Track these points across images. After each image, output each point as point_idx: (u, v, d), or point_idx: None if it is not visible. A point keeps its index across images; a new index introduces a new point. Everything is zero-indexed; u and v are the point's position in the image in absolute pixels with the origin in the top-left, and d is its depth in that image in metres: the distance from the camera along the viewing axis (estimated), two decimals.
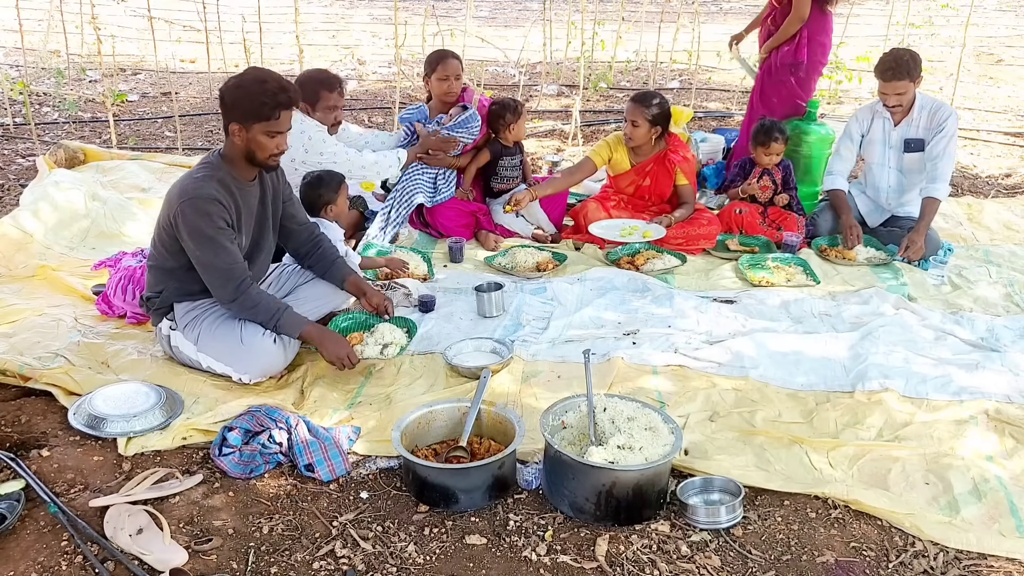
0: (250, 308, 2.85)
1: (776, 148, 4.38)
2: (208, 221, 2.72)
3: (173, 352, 3.00)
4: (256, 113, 2.72)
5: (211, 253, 2.76)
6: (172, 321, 2.98)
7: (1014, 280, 3.98)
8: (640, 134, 4.27)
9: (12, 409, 2.73)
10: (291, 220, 3.16)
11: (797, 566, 2.16)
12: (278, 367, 2.98)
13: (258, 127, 2.73)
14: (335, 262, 3.19)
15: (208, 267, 2.79)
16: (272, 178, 3.02)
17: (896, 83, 4.06)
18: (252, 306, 2.85)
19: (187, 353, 2.95)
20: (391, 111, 6.96)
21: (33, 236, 3.99)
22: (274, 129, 2.76)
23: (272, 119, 2.73)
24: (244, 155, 2.81)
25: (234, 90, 2.75)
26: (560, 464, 2.32)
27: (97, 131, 6.46)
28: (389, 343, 3.08)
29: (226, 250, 2.77)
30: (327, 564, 2.13)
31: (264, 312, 2.85)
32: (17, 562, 2.08)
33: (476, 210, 4.44)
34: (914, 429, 2.73)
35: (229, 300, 2.84)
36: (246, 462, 2.45)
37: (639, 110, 4.23)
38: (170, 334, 2.98)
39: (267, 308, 2.85)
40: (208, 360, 2.93)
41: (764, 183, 4.49)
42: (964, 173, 5.87)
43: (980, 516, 2.34)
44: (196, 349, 2.93)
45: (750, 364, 3.12)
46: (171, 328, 2.97)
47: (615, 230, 4.23)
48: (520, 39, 9.53)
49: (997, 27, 12.81)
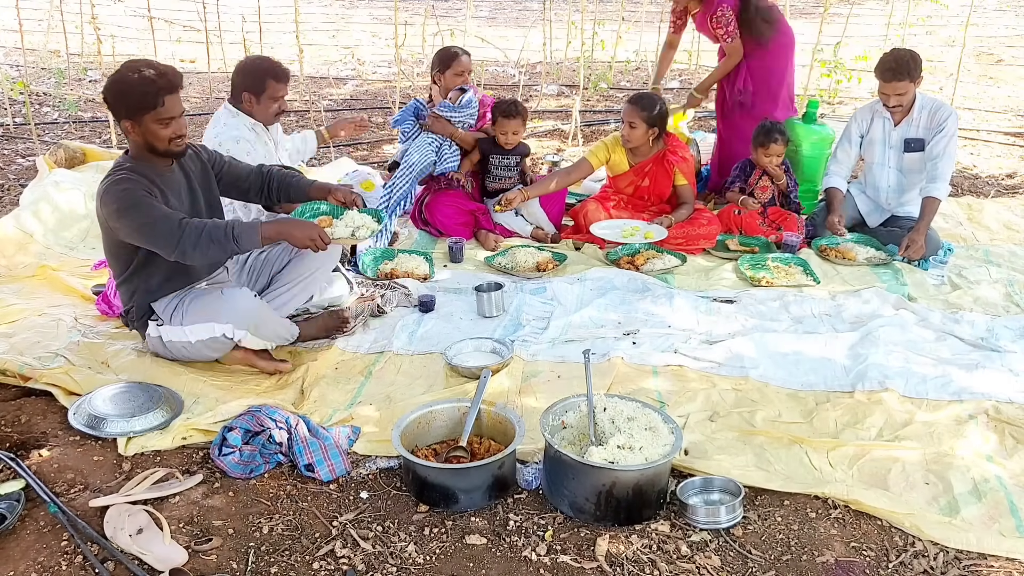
0: (199, 237, 2.70)
1: (776, 149, 4.38)
2: (129, 193, 2.68)
3: (168, 349, 2.98)
4: (141, 104, 2.67)
5: (141, 215, 2.68)
6: (156, 321, 2.96)
7: (1014, 280, 3.98)
8: (637, 135, 4.27)
9: (12, 409, 2.73)
10: (239, 181, 3.12)
11: (797, 566, 2.16)
12: (255, 315, 2.93)
13: (148, 118, 2.69)
14: (293, 178, 3.14)
15: (144, 227, 2.69)
16: (190, 161, 2.96)
17: (896, 83, 4.06)
18: (199, 233, 2.70)
19: (180, 340, 2.92)
20: (391, 111, 6.96)
21: (33, 236, 4.00)
22: (165, 116, 2.71)
23: (159, 106, 2.68)
24: (147, 149, 2.77)
25: (114, 86, 2.69)
26: (560, 464, 2.32)
27: (97, 131, 6.46)
28: (359, 226, 3.02)
29: (154, 207, 2.69)
30: (327, 564, 2.13)
31: (215, 232, 2.72)
32: (17, 562, 2.08)
33: (475, 209, 4.45)
34: (914, 429, 2.73)
35: (175, 242, 2.68)
36: (246, 462, 2.45)
37: (636, 111, 4.23)
38: (160, 332, 2.95)
39: (216, 227, 2.73)
40: (198, 332, 2.88)
41: (763, 183, 4.49)
42: (964, 173, 5.87)
43: (980, 516, 2.34)
44: (186, 330, 2.89)
45: (750, 364, 3.12)
46: (158, 325, 2.95)
47: (617, 231, 4.23)
48: (520, 39, 9.54)
49: (997, 27, 12.81)
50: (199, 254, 2.74)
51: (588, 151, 4.54)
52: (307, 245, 2.85)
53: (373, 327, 3.38)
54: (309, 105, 6.89)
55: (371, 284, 3.72)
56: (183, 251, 2.71)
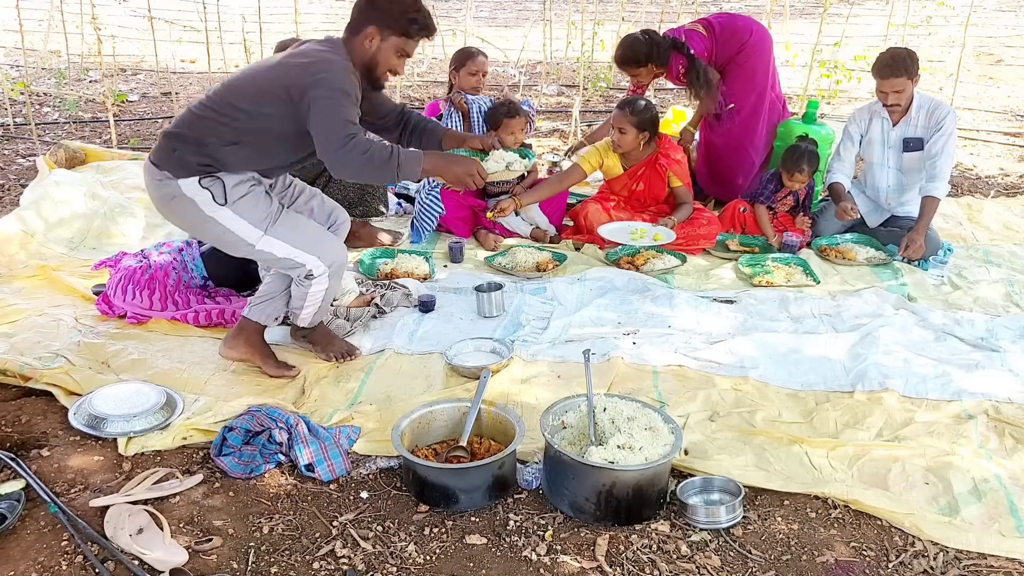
0: (364, 153, 2.56)
1: (800, 179, 4.36)
2: (350, 85, 2.61)
3: (193, 219, 2.73)
4: (400, 25, 2.66)
5: (339, 106, 2.56)
6: (207, 189, 2.68)
7: (1014, 280, 3.98)
8: (628, 140, 4.25)
9: (12, 409, 2.73)
10: (381, 112, 3.01)
11: (797, 566, 2.16)
12: (342, 269, 2.91)
13: (395, 40, 2.68)
14: (428, 123, 3.09)
15: (330, 116, 2.55)
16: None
17: (894, 80, 4.06)
18: (365, 149, 2.57)
19: (235, 232, 2.73)
20: None
21: (33, 236, 4.00)
22: (406, 50, 2.71)
23: (411, 38, 2.69)
24: (365, 63, 2.72)
25: None
26: (560, 464, 2.32)
27: (97, 131, 6.47)
28: (511, 161, 3.04)
29: (353, 109, 2.61)
30: (327, 564, 2.13)
31: (381, 153, 2.60)
32: (17, 562, 2.08)
33: (475, 205, 4.44)
34: (914, 429, 2.73)
35: (340, 145, 2.55)
36: (246, 462, 2.45)
37: (625, 117, 4.21)
38: (197, 198, 2.68)
39: (382, 149, 2.62)
40: (277, 246, 2.75)
41: (787, 201, 4.49)
42: (964, 173, 5.88)
43: (980, 516, 2.34)
44: (259, 232, 2.73)
45: (750, 364, 3.13)
46: (205, 188, 2.67)
47: (624, 233, 4.22)
48: (520, 39, 9.54)
49: (997, 27, 12.80)
50: (352, 169, 2.64)
51: (580, 156, 4.54)
52: (465, 182, 2.77)
53: (373, 327, 3.38)
54: None
55: (371, 284, 3.72)
56: (341, 158, 2.59)
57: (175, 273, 3.42)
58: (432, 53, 9.04)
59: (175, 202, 2.73)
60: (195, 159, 2.68)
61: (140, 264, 3.43)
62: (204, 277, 3.52)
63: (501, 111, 4.35)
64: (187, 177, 2.69)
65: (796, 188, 4.42)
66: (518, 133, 4.34)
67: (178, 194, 2.71)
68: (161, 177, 2.72)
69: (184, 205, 2.72)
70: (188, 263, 3.50)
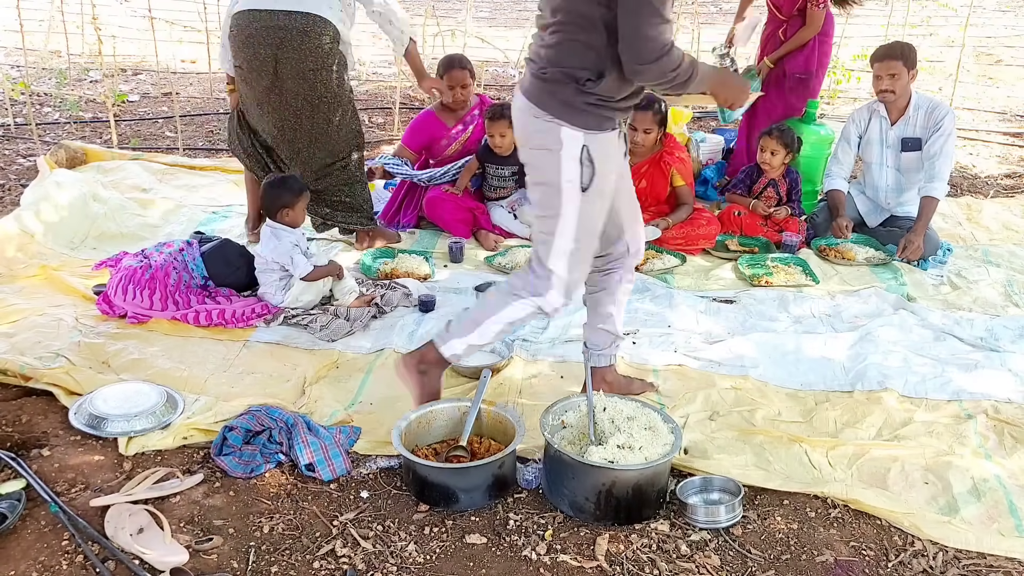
0: (676, 65, 2.23)
1: (773, 150, 4.36)
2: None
3: (569, 179, 2.34)
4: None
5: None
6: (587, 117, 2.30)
7: (1013, 280, 3.98)
8: (652, 139, 4.25)
9: (13, 409, 2.73)
10: None
11: (796, 565, 2.17)
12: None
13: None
14: None
15: (652, 13, 2.17)
16: None
17: (889, 63, 4.06)
18: (680, 58, 2.24)
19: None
20: (391, 111, 6.97)
21: (34, 236, 4.00)
22: None
23: None
24: None
25: None
26: (560, 463, 2.32)
27: (98, 131, 6.47)
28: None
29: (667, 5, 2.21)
30: (327, 563, 2.13)
31: (688, 64, 2.27)
32: (18, 561, 2.08)
33: (474, 207, 4.44)
34: (913, 429, 2.74)
35: (656, 57, 2.20)
36: (246, 461, 2.46)
37: (651, 117, 4.19)
38: (589, 146, 2.31)
39: (689, 60, 2.28)
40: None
41: (768, 194, 4.49)
42: (963, 173, 5.88)
43: (979, 516, 2.34)
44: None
45: (750, 364, 3.13)
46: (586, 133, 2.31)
47: None
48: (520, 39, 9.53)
49: (996, 27, 12.80)
50: (667, 74, 2.24)
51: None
52: (735, 104, 2.45)
53: (373, 327, 3.39)
54: None
55: (371, 284, 3.72)
56: (652, 66, 2.22)
57: (175, 273, 3.43)
58: (432, 53, 9.04)
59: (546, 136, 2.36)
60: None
61: (140, 264, 3.43)
62: (204, 277, 3.52)
63: (487, 114, 4.33)
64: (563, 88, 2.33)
65: (773, 169, 4.41)
66: (497, 137, 4.28)
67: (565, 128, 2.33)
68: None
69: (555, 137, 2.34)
70: (188, 263, 3.50)
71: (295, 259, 3.36)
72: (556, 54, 2.30)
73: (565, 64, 2.29)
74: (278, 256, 3.38)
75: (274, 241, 3.39)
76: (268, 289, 3.45)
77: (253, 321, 3.35)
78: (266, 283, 3.46)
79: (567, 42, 2.28)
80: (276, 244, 3.38)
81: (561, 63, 2.29)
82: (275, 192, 3.41)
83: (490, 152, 4.37)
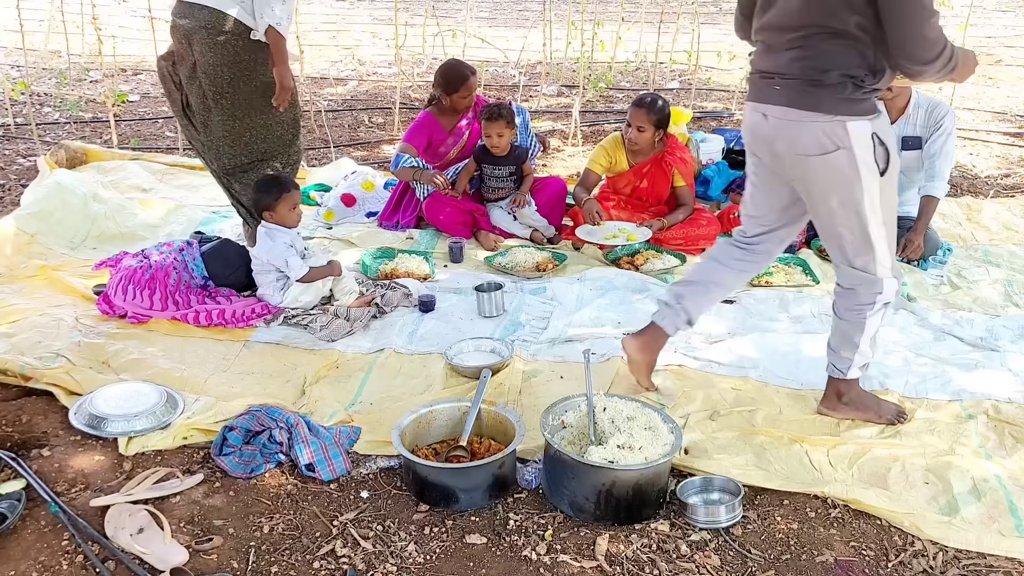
0: (951, 55, 2.28)
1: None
2: None
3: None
4: None
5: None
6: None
7: (1013, 280, 3.98)
8: (646, 138, 4.26)
9: (13, 409, 2.73)
10: None
11: (797, 565, 2.17)
12: None
13: None
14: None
15: (924, 12, 2.20)
16: None
17: None
18: (951, 51, 2.28)
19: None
20: (391, 111, 6.97)
21: (34, 236, 4.00)
22: None
23: None
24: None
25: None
26: (560, 463, 2.32)
27: (98, 131, 6.47)
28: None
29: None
30: (327, 563, 2.13)
31: (951, 47, 2.29)
32: (18, 561, 2.09)
33: (474, 209, 4.44)
34: (914, 428, 2.74)
35: (936, 54, 2.24)
36: (247, 461, 2.46)
37: (645, 115, 4.20)
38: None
39: (951, 43, 2.30)
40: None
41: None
42: (963, 173, 5.88)
43: (979, 516, 2.34)
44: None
45: (750, 364, 3.13)
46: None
47: (599, 235, 4.22)
48: (520, 39, 9.53)
49: (996, 27, 12.81)
50: (947, 65, 2.29)
51: (589, 159, 4.53)
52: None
53: (373, 327, 3.39)
54: (309, 105, 6.89)
55: (371, 284, 3.72)
56: (945, 55, 2.27)
57: (175, 273, 3.43)
58: (432, 53, 9.04)
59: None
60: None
61: (141, 264, 3.43)
62: (205, 277, 3.52)
63: (483, 115, 4.31)
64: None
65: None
66: (494, 137, 4.27)
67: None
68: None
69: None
70: (189, 263, 3.50)
71: (290, 262, 3.36)
72: (821, 61, 2.32)
73: (837, 67, 2.31)
74: (273, 258, 3.38)
75: (269, 242, 3.39)
76: (266, 290, 3.45)
77: (253, 321, 3.35)
78: (263, 284, 3.46)
79: (827, 50, 2.31)
80: (271, 245, 3.38)
81: (832, 67, 2.31)
82: (257, 195, 3.44)
83: (487, 153, 4.36)
